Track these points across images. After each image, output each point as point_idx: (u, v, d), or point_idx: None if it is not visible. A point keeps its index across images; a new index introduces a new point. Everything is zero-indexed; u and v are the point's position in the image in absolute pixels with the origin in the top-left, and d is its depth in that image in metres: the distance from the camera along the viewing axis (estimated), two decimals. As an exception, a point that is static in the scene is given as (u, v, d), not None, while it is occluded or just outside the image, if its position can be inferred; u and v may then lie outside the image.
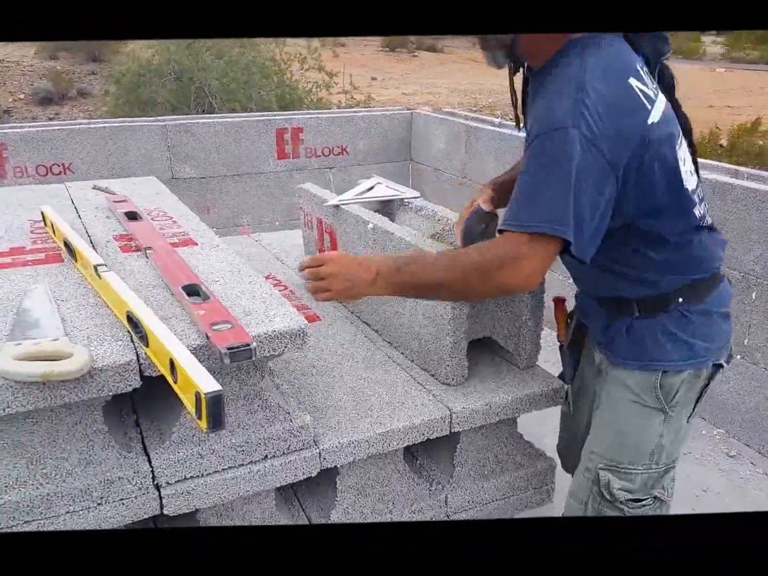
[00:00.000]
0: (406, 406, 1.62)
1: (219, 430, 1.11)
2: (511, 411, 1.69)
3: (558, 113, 1.12)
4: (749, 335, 2.60)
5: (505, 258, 1.14)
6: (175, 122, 3.72)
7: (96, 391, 1.25)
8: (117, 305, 1.40)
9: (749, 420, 2.62)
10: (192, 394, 1.10)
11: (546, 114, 1.16)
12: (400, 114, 4.22)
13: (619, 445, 1.37)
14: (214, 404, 1.06)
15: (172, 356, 1.15)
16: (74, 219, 2.02)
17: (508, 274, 1.14)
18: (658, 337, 1.31)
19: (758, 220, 2.48)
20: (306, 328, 1.40)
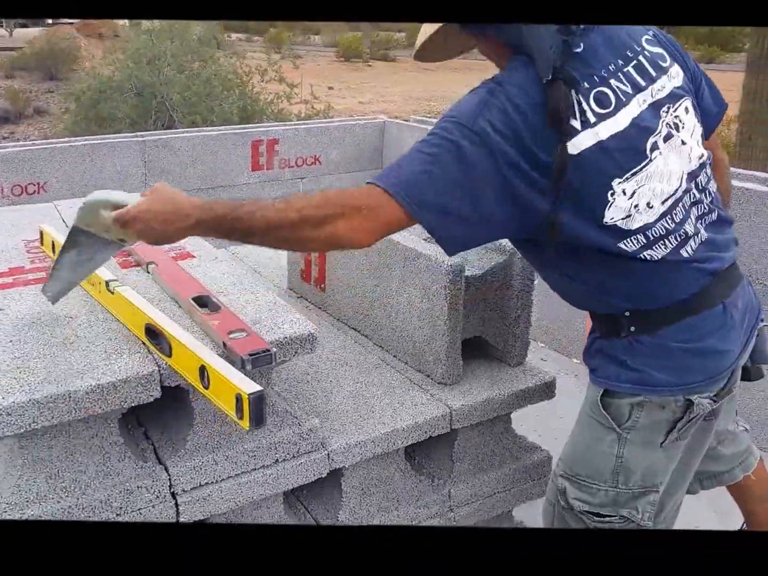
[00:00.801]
0: (406, 407, 1.68)
1: (260, 428, 1.15)
2: (508, 406, 1.76)
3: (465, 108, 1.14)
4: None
5: (362, 207, 1.11)
6: (154, 137, 3.72)
7: (119, 402, 1.28)
8: (133, 319, 1.42)
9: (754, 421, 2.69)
10: (231, 397, 1.14)
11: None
12: (374, 123, 4.29)
13: (576, 458, 1.35)
14: (257, 404, 1.11)
15: (204, 363, 1.18)
16: (67, 237, 2.03)
17: (352, 223, 1.11)
18: (609, 359, 1.29)
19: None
20: (315, 333, 1.45)
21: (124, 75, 7.87)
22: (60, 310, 1.54)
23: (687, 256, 1.23)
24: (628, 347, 1.26)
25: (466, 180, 1.11)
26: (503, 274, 1.81)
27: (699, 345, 1.24)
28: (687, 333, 1.23)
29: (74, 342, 1.39)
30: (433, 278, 1.72)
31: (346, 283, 2.10)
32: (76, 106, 8.32)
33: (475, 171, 1.10)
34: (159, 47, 8.04)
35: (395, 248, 1.85)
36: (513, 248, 1.77)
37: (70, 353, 1.34)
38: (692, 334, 1.23)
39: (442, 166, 1.11)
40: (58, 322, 1.48)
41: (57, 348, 1.36)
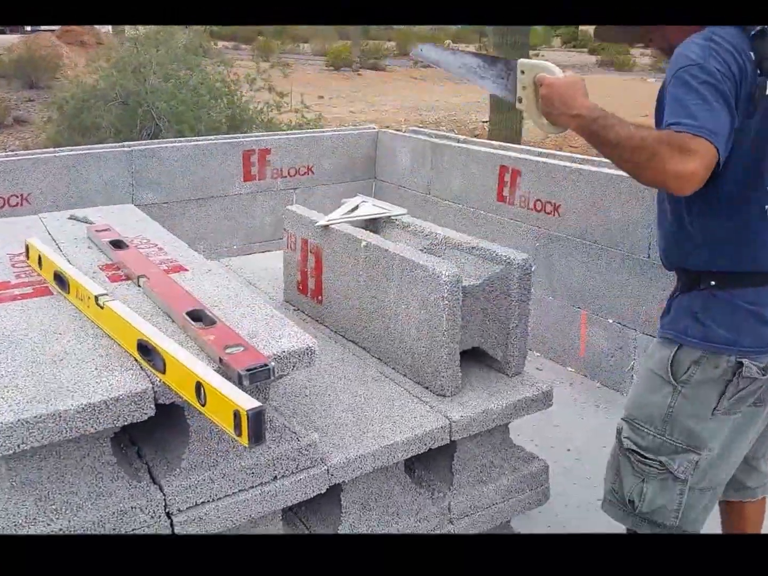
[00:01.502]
0: (405, 419, 1.66)
1: (260, 444, 1.13)
2: (506, 416, 1.74)
3: (688, 53, 1.32)
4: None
5: (683, 148, 1.24)
6: (141, 147, 3.68)
7: (111, 421, 1.24)
8: (124, 334, 1.39)
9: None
10: (229, 413, 1.11)
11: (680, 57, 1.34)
12: (367, 132, 4.27)
13: (635, 403, 1.52)
14: (256, 420, 1.08)
15: (200, 379, 1.16)
16: (54, 251, 1.99)
17: (680, 162, 1.23)
18: (684, 312, 1.43)
19: None
20: (314, 347, 1.43)
21: (108, 83, 7.78)
22: (48, 326, 1.50)
23: None
24: (703, 300, 1.40)
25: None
26: (501, 284, 1.80)
27: (763, 311, 1.38)
28: (756, 297, 1.38)
29: (64, 359, 1.36)
30: (430, 289, 1.70)
31: (344, 294, 2.07)
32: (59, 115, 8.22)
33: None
34: (144, 55, 7.97)
35: (392, 259, 1.83)
36: (509, 258, 1.76)
37: (59, 370, 1.31)
38: (760, 299, 1.38)
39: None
40: (46, 339, 1.45)
41: (46, 365, 1.33)
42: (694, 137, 1.25)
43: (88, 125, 7.89)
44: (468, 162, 3.70)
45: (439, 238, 2.01)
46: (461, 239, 1.96)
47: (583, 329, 3.20)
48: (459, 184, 3.72)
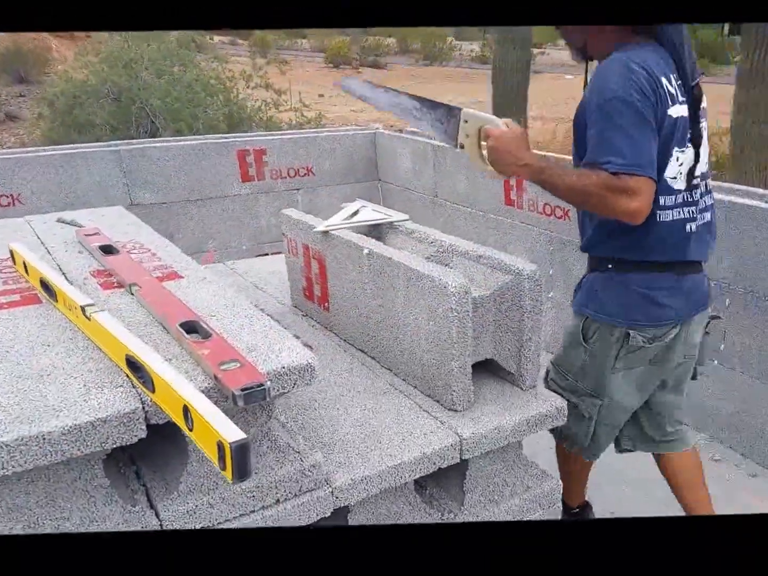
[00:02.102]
0: (414, 435, 1.59)
1: (245, 480, 1.05)
2: (518, 434, 1.67)
3: (608, 84, 1.49)
4: (725, 341, 2.67)
5: (624, 190, 1.46)
6: (128, 147, 3.61)
7: (99, 444, 1.17)
8: (113, 348, 1.32)
9: (731, 424, 2.69)
10: (214, 444, 1.04)
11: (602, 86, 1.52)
12: (363, 133, 4.21)
13: (561, 355, 1.88)
14: (240, 454, 1.00)
15: (186, 403, 1.08)
16: (44, 255, 1.92)
17: (625, 202, 1.47)
18: (588, 290, 1.74)
19: (728, 230, 2.56)
20: (314, 362, 1.36)
21: (98, 79, 7.68)
22: (36, 338, 1.43)
23: (689, 231, 1.65)
24: (603, 281, 1.70)
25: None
26: (512, 295, 1.73)
27: (650, 294, 1.66)
28: (646, 282, 1.65)
29: (51, 373, 1.29)
30: (438, 300, 1.63)
31: (350, 302, 2.01)
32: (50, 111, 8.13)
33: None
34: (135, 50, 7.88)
35: (397, 268, 1.76)
36: (519, 268, 1.70)
37: (45, 387, 1.24)
38: (649, 284, 1.65)
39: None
40: (33, 351, 1.38)
41: (32, 381, 1.26)
42: (632, 177, 1.45)
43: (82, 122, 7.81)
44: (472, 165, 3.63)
45: (445, 245, 1.94)
46: (468, 247, 1.89)
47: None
48: (465, 187, 3.65)
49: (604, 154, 1.47)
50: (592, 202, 1.52)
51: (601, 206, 1.51)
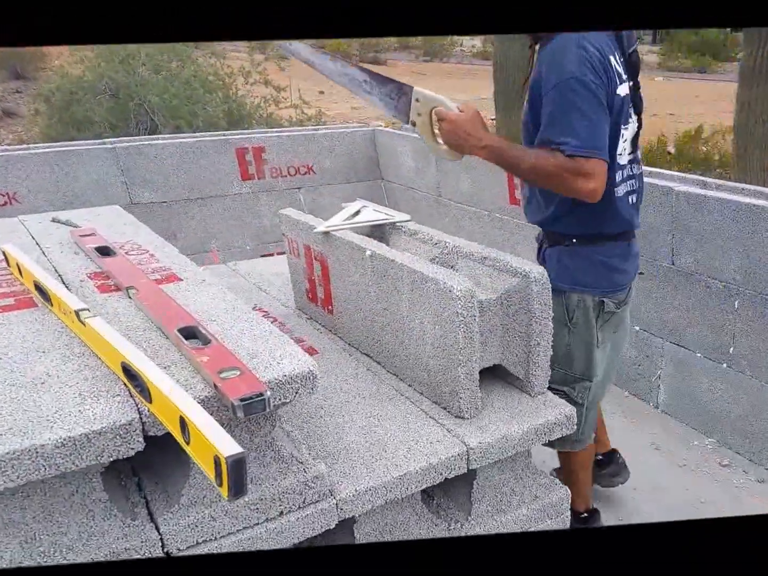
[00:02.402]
0: (421, 444, 1.55)
1: (242, 497, 1.01)
2: (527, 442, 1.63)
3: (565, 64, 1.55)
4: (734, 344, 2.63)
5: (580, 171, 1.55)
6: (124, 144, 3.56)
7: (94, 457, 1.13)
8: (109, 355, 1.28)
9: (739, 428, 2.65)
10: (210, 458, 1.00)
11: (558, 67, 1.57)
12: (362, 131, 4.16)
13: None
14: (236, 469, 0.96)
15: (183, 414, 1.04)
16: (39, 257, 1.88)
17: (582, 183, 1.57)
18: (558, 266, 1.81)
19: (735, 230, 2.52)
20: (315, 371, 1.31)
21: (94, 75, 7.62)
22: (31, 343, 1.39)
23: (631, 203, 1.82)
24: (569, 254, 1.81)
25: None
26: (519, 298, 1.69)
27: (611, 262, 1.80)
28: (606, 252, 1.79)
29: (46, 381, 1.25)
30: (443, 304, 1.59)
31: (354, 305, 1.96)
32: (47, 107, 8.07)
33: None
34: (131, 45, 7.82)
35: (401, 271, 1.72)
36: (526, 270, 1.66)
37: (39, 396, 1.20)
38: (610, 253, 1.80)
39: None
40: (28, 358, 1.33)
41: (26, 390, 1.22)
42: (588, 160, 1.55)
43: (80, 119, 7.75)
44: (475, 163, 3.59)
45: (449, 246, 1.89)
46: (472, 248, 1.84)
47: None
48: (468, 186, 3.61)
49: (561, 134, 1.55)
50: (553, 183, 1.62)
51: (561, 186, 1.61)
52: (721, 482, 2.48)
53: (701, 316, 2.73)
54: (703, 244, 2.65)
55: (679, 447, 2.69)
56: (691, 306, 2.76)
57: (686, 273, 2.74)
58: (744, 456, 2.62)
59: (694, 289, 2.73)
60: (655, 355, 2.95)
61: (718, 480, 2.49)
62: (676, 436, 2.77)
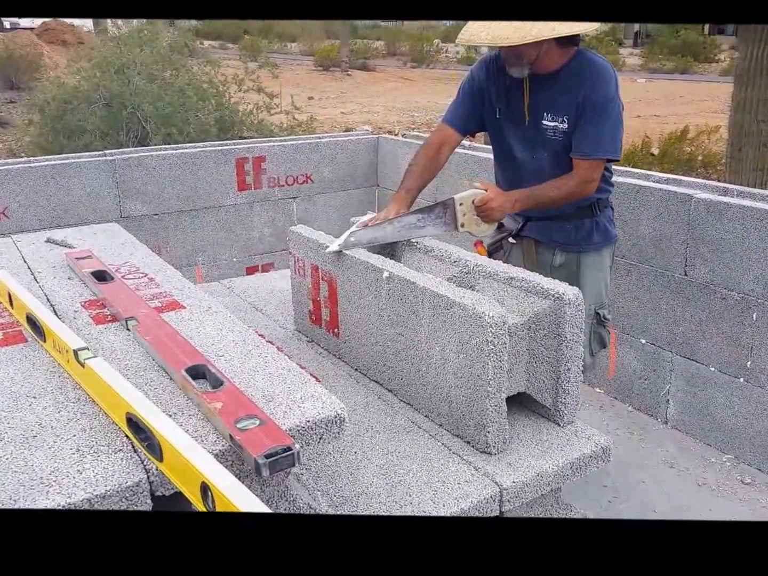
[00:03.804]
0: (448, 485, 1.40)
1: None
2: (562, 479, 1.49)
3: (611, 90, 1.90)
4: (752, 357, 2.50)
5: (590, 181, 1.96)
6: (124, 156, 3.38)
7: (96, 523, 0.97)
8: (110, 403, 1.12)
9: (759, 444, 2.52)
10: None
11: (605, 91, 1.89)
12: (366, 139, 3.99)
13: (597, 295, 2.14)
14: None
15: (206, 480, 0.89)
16: (30, 282, 1.72)
17: (586, 190, 1.98)
18: (596, 229, 2.11)
19: (757, 239, 2.39)
20: (343, 413, 1.16)
21: (90, 85, 7.46)
22: (21, 387, 1.23)
23: None
24: (596, 222, 2.10)
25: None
26: (549, 322, 1.54)
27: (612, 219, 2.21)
28: (609, 212, 2.18)
29: (38, 435, 1.09)
30: (471, 331, 1.44)
31: (364, 329, 1.81)
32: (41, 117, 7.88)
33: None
34: (127, 55, 7.65)
35: (422, 294, 1.57)
36: (558, 293, 1.52)
37: (31, 453, 1.04)
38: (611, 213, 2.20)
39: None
40: (17, 405, 1.18)
41: (15, 445, 1.06)
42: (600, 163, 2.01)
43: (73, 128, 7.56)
44: (477, 170, 3.45)
45: (470, 265, 1.75)
46: (496, 267, 1.70)
47: (612, 349, 2.96)
48: (470, 194, 3.46)
49: (609, 148, 1.92)
50: (574, 197, 1.96)
51: (579, 196, 1.97)
52: (747, 501, 2.35)
53: (716, 328, 2.60)
54: (721, 254, 2.52)
55: (695, 464, 2.56)
56: (704, 318, 2.63)
57: (700, 284, 2.61)
58: (766, 473, 2.49)
59: (709, 301, 2.60)
60: (663, 369, 2.82)
61: (743, 500, 2.36)
62: (691, 453, 2.63)
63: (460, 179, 3.53)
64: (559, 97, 1.91)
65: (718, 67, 19.81)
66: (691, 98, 13.97)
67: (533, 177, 1.99)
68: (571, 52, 1.90)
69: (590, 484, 2.40)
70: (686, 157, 8.30)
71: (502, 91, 2.00)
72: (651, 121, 11.46)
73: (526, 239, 2.14)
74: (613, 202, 2.21)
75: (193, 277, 3.51)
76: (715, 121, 9.65)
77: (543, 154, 1.98)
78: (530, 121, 1.96)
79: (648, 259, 2.77)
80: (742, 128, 5.08)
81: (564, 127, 1.92)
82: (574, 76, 1.89)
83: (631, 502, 2.35)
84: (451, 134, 2.07)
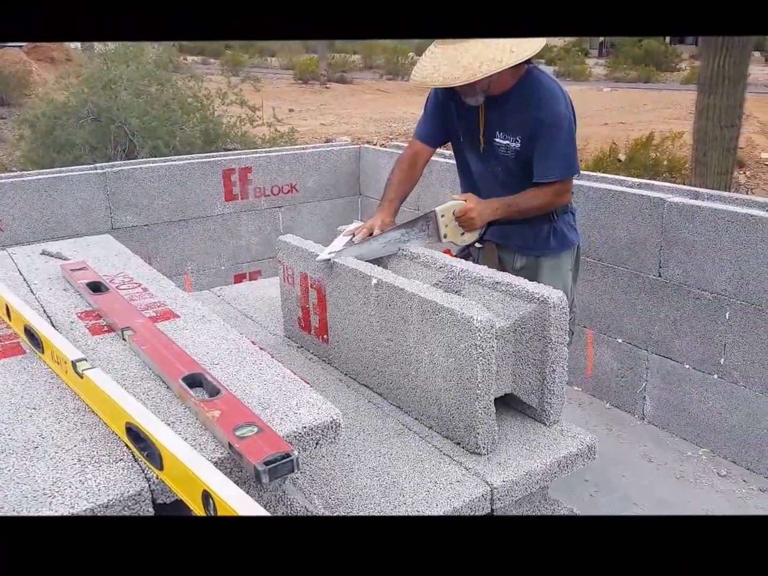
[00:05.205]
0: (440, 486, 1.40)
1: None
2: (550, 476, 1.49)
3: (561, 108, 1.91)
4: (725, 354, 2.53)
5: (569, 188, 2.05)
6: (115, 169, 3.35)
7: (99, 532, 0.95)
8: (109, 413, 1.11)
9: (734, 438, 2.55)
10: None
11: (555, 113, 1.91)
12: (348, 149, 3.99)
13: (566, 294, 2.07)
14: None
15: (208, 489, 0.88)
16: (26, 294, 1.69)
17: (569, 196, 2.07)
18: (559, 233, 2.10)
19: (728, 241, 2.42)
20: (338, 419, 1.16)
21: (79, 100, 7.42)
22: (20, 398, 1.21)
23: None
24: (558, 225, 2.10)
25: None
26: (534, 325, 1.55)
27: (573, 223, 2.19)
28: (570, 216, 2.17)
29: (39, 446, 1.07)
30: (460, 336, 1.45)
31: (353, 335, 1.80)
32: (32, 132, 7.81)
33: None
34: (114, 71, 7.62)
35: (410, 300, 1.57)
36: (545, 295, 1.53)
37: (33, 464, 1.02)
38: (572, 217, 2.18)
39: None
40: (18, 416, 1.15)
41: (17, 456, 1.04)
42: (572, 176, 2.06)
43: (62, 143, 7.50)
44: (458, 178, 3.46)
45: (455, 271, 1.75)
46: (481, 272, 1.71)
47: (590, 348, 2.99)
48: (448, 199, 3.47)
49: (572, 167, 1.97)
50: (550, 206, 2.02)
51: (556, 204, 2.02)
52: (724, 493, 2.37)
53: (690, 327, 2.63)
54: (693, 255, 2.55)
55: (673, 458, 2.58)
56: (679, 317, 2.66)
57: (674, 285, 2.64)
58: (741, 465, 2.52)
59: (683, 301, 2.63)
60: (639, 367, 2.84)
61: (720, 491, 2.38)
62: (668, 447, 2.66)
63: (441, 187, 3.55)
64: (511, 117, 1.93)
65: (679, 75, 20.07)
66: (655, 106, 14.15)
67: (488, 188, 2.04)
68: (522, 71, 1.91)
69: (572, 478, 2.41)
70: (652, 162, 8.41)
71: (461, 108, 2.02)
72: (617, 128, 11.59)
73: (488, 243, 2.15)
74: (576, 207, 2.23)
75: (183, 286, 3.48)
76: (678, 127, 9.79)
77: (497, 168, 2.02)
78: (484, 137, 2.01)
79: (623, 262, 2.80)
80: (706, 134, 5.16)
81: (516, 146, 1.94)
82: (524, 97, 1.91)
83: (612, 496, 2.36)
84: (422, 148, 2.14)
